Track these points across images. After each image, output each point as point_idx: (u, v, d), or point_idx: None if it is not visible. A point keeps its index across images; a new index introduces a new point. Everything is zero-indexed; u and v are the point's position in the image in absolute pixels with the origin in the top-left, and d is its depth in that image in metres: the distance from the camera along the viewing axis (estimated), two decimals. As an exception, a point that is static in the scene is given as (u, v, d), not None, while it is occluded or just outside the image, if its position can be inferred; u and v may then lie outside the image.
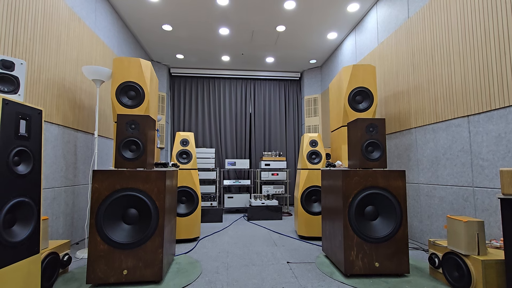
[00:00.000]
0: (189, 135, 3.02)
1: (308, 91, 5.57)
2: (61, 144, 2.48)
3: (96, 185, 1.70)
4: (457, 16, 2.25)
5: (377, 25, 3.40)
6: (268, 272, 1.95)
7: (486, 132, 2.00)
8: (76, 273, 1.92)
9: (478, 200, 2.06)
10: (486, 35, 1.99)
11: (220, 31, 4.10)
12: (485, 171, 2.00)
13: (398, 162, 2.98)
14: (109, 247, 1.68)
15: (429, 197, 2.54)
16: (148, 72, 2.42)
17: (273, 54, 4.91)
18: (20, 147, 1.37)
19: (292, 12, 3.60)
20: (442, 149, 2.40)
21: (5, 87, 1.40)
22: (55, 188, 2.39)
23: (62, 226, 2.50)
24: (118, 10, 3.55)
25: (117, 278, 1.67)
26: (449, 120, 2.33)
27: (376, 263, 1.83)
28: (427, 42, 2.57)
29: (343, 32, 4.15)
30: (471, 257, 1.58)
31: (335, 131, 2.90)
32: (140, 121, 1.84)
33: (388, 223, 1.87)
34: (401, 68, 2.94)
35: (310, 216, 2.89)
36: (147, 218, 1.74)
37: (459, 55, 2.23)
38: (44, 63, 2.27)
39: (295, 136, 5.77)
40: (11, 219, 1.35)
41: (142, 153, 1.81)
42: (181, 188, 2.87)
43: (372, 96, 2.60)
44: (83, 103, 2.85)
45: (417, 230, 2.71)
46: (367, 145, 1.93)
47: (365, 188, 1.88)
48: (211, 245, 2.64)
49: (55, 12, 2.40)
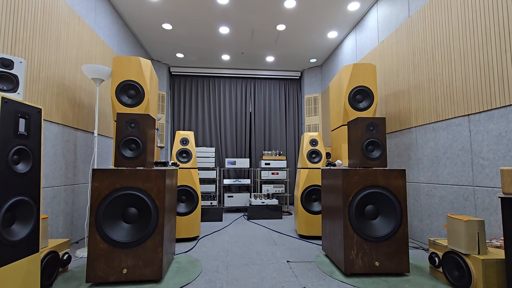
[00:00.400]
0: (189, 134, 3.02)
1: (308, 90, 5.56)
2: (60, 143, 2.47)
3: (96, 184, 1.70)
4: (458, 15, 2.24)
5: (378, 24, 3.39)
6: (268, 271, 1.95)
7: (487, 131, 1.99)
8: (76, 272, 1.92)
9: (479, 199, 2.06)
10: (487, 34, 1.99)
11: (220, 30, 4.09)
12: (486, 170, 2.00)
13: (399, 161, 2.98)
14: (109, 246, 1.68)
15: (429, 196, 2.54)
16: (148, 71, 2.41)
17: (273, 53, 4.91)
18: (19, 145, 1.37)
19: (293, 10, 3.59)
20: (443, 148, 2.40)
21: (4, 86, 1.39)
22: (54, 187, 2.39)
23: (62, 225, 2.50)
24: (118, 8, 3.54)
25: (117, 277, 1.67)
26: (449, 119, 2.33)
27: (376, 262, 1.83)
28: (428, 41, 2.56)
29: (343, 31, 4.14)
30: (471, 256, 1.58)
31: (335, 130, 2.90)
32: (140, 120, 1.83)
33: (388, 222, 1.87)
34: (401, 67, 2.94)
35: (310, 215, 2.89)
36: (147, 217, 1.73)
37: (459, 54, 2.22)
38: (44, 61, 2.26)
39: (295, 135, 5.76)
40: (11, 218, 1.35)
41: (142, 152, 1.81)
42: (181, 187, 2.87)
43: (372, 95, 2.60)
44: (83, 101, 2.84)
45: (417, 229, 2.71)
46: (367, 144, 1.93)
47: (365, 187, 1.88)
48: (211, 244, 2.64)
49: (55, 11, 2.39)
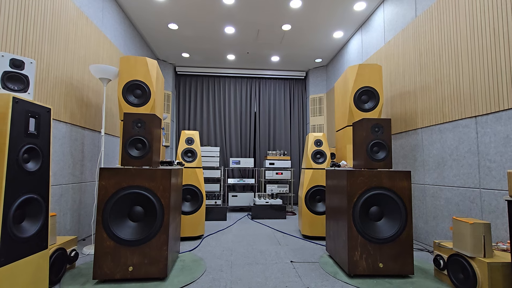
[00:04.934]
0: (194, 134, 3.04)
1: (313, 90, 5.55)
2: (68, 141, 2.52)
3: (102, 183, 1.73)
4: (466, 15, 2.21)
5: (384, 24, 3.37)
6: (272, 271, 1.96)
7: (494, 133, 1.97)
8: (82, 269, 1.95)
9: (485, 201, 2.04)
10: (495, 34, 1.96)
11: (226, 30, 4.10)
12: (493, 173, 1.98)
13: (404, 162, 2.96)
14: (115, 244, 1.70)
15: (435, 198, 2.52)
16: (154, 71, 2.44)
17: (278, 53, 4.90)
18: (29, 144, 1.40)
19: (298, 10, 3.59)
20: (449, 150, 2.38)
21: (15, 86, 1.43)
22: (62, 185, 2.43)
23: (69, 222, 2.54)
24: (125, 9, 3.58)
25: (122, 274, 1.70)
26: (456, 120, 2.31)
27: (380, 264, 1.83)
28: (435, 42, 2.54)
29: (349, 31, 4.12)
30: (477, 259, 1.56)
31: (340, 130, 2.89)
32: (146, 119, 1.86)
33: (392, 224, 1.87)
34: (407, 68, 2.91)
35: (314, 216, 2.89)
36: (153, 215, 1.76)
37: (467, 55, 2.20)
38: (53, 61, 2.30)
39: (299, 135, 5.75)
40: (21, 215, 1.38)
41: (148, 151, 1.83)
42: (186, 186, 2.89)
43: (378, 96, 2.59)
44: (90, 101, 2.88)
45: (422, 231, 2.69)
46: (372, 145, 1.93)
47: (370, 188, 1.87)
48: (215, 243, 2.66)
49: (63, 12, 2.43)
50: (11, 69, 1.41)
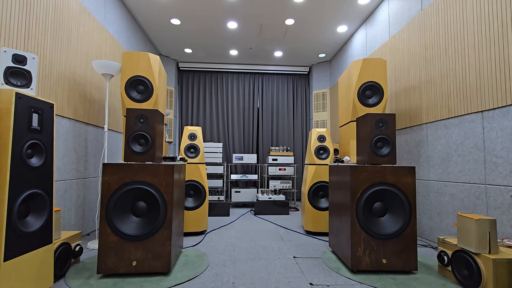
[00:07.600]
0: (197, 130, 3.04)
1: (317, 86, 5.50)
2: (72, 137, 2.53)
3: (106, 178, 1.73)
4: (473, 8, 2.17)
5: (389, 18, 3.31)
6: (275, 267, 1.96)
7: (501, 128, 1.94)
8: (87, 263, 1.97)
9: (491, 197, 2.01)
10: (503, 27, 1.92)
11: (228, 25, 4.07)
12: (499, 168, 1.95)
13: (408, 158, 2.93)
14: (119, 239, 1.71)
15: (439, 194, 2.50)
16: (157, 67, 2.43)
17: (281, 48, 4.86)
18: (33, 140, 1.40)
19: (301, 4, 3.54)
20: (454, 145, 2.35)
21: (18, 81, 1.43)
22: (66, 181, 2.45)
23: (74, 217, 2.56)
24: (127, 4, 3.56)
25: (126, 268, 1.71)
26: (462, 115, 2.27)
27: (384, 260, 1.82)
28: (441, 35, 2.49)
29: (353, 25, 4.07)
30: (481, 256, 1.55)
31: (344, 126, 2.87)
32: (149, 115, 1.85)
33: (396, 219, 1.85)
34: (413, 62, 2.87)
35: (317, 212, 2.88)
36: (156, 211, 1.76)
37: (474, 49, 2.15)
38: (55, 57, 2.30)
39: (303, 131, 5.73)
40: (25, 210, 1.39)
41: (150, 147, 1.83)
42: (189, 182, 2.90)
43: (382, 90, 2.55)
44: (93, 97, 2.89)
45: (426, 227, 2.67)
46: (376, 140, 1.91)
47: (373, 184, 1.86)
48: (218, 239, 2.67)
49: (66, 7, 2.43)
50: (13, 65, 1.41)
